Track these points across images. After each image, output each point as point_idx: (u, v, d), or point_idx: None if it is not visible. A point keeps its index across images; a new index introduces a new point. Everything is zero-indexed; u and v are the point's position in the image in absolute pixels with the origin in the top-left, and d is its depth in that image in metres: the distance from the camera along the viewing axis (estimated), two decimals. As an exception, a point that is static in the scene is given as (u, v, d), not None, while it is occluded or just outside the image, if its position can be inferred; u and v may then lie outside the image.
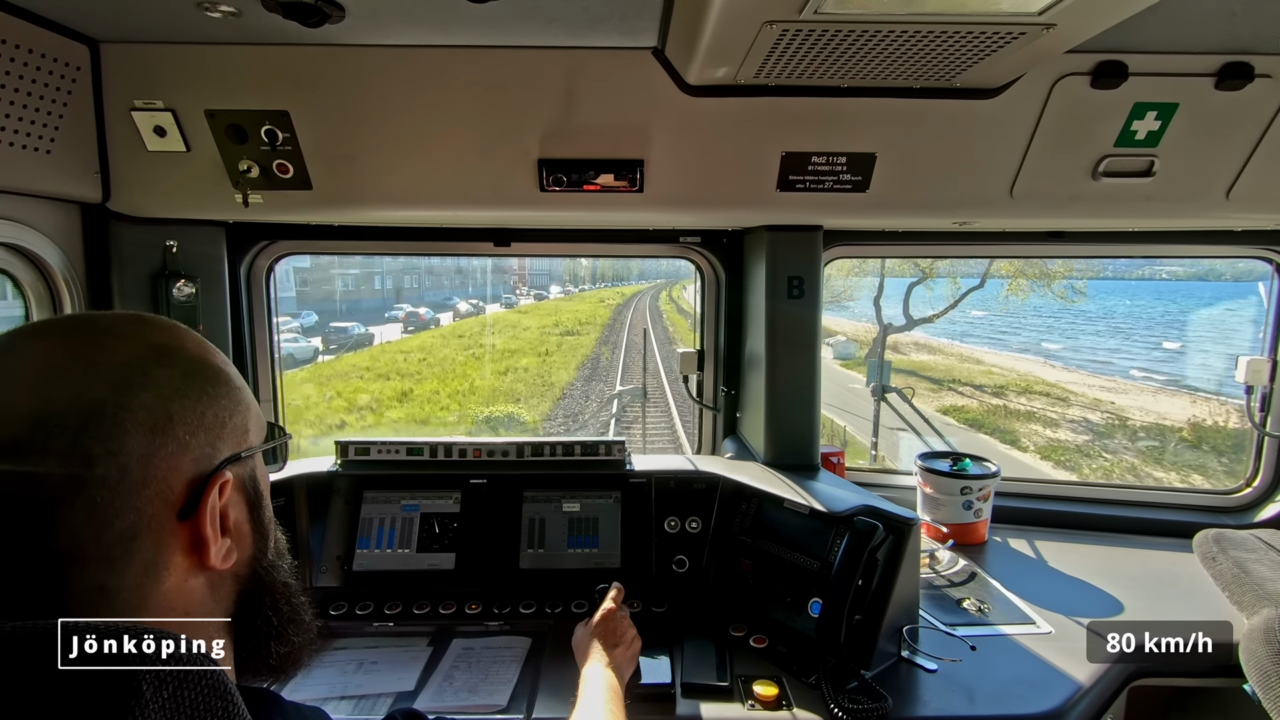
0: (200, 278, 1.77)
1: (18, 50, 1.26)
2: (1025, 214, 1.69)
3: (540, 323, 23.09)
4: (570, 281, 34.16)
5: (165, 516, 0.55)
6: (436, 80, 1.46)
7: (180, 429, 0.56)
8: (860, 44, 1.18)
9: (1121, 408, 14.21)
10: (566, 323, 23.41)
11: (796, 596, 1.47)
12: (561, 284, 33.14)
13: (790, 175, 1.60)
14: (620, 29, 1.33)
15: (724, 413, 2.17)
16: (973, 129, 1.54)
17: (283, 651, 0.67)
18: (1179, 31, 1.36)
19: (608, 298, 32.95)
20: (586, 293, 34.66)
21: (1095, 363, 18.08)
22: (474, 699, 1.25)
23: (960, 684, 1.29)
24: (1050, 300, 14.80)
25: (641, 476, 1.75)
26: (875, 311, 13.92)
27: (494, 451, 1.78)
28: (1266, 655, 1.23)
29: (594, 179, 1.56)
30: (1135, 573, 1.76)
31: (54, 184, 1.46)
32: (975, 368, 17.46)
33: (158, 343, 0.59)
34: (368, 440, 1.77)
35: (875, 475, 2.29)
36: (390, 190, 1.59)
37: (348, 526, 1.67)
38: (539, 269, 31.44)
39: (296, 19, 1.18)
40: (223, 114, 1.46)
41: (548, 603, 1.56)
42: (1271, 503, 2.04)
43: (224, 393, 0.61)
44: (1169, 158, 1.58)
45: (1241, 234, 1.96)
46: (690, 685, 1.27)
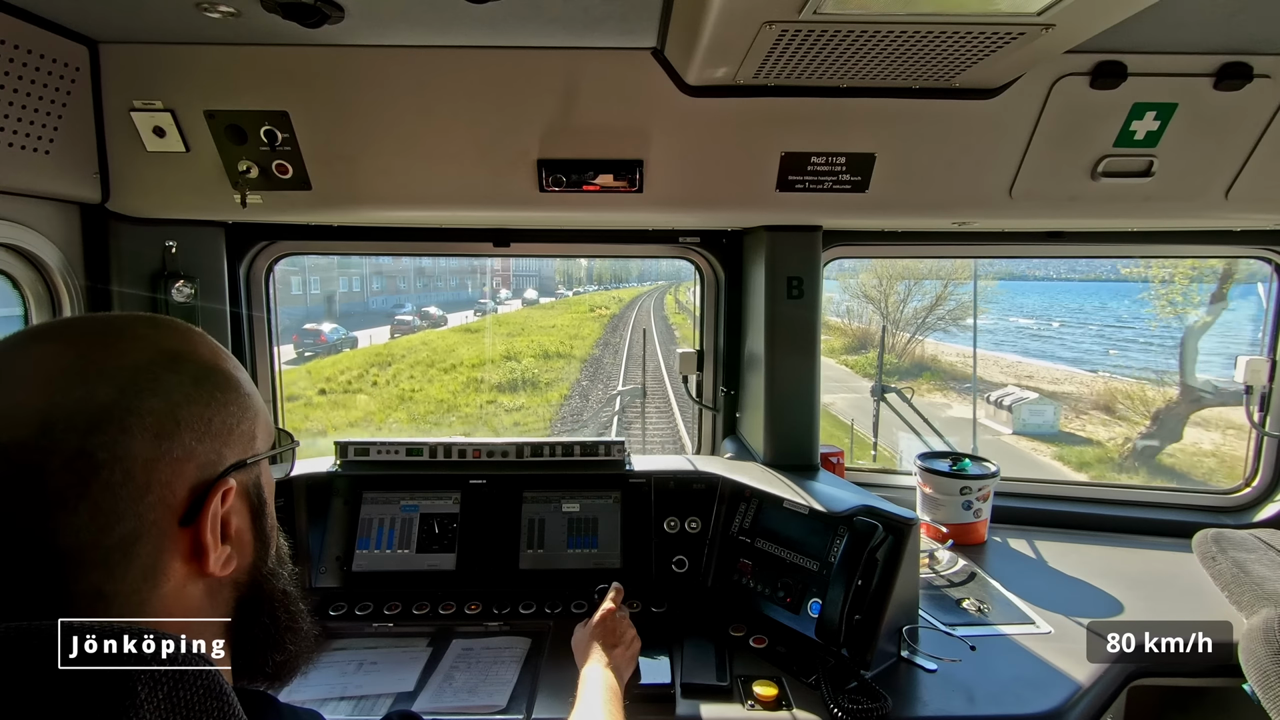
0: (199, 278, 1.76)
1: (17, 50, 1.26)
2: (1024, 214, 1.69)
3: (478, 353, 16.59)
4: (563, 283, 30.30)
5: (167, 522, 0.55)
6: (436, 80, 1.46)
7: (187, 435, 0.56)
8: (860, 44, 1.18)
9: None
10: (527, 353, 16.85)
11: (796, 597, 1.47)
12: (553, 286, 29.30)
13: (790, 175, 1.60)
14: (620, 29, 1.33)
15: (724, 413, 2.17)
16: (972, 129, 1.54)
17: (279, 659, 0.66)
18: (1178, 32, 1.36)
19: (603, 304, 26.86)
20: (581, 296, 29.53)
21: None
22: (473, 699, 1.25)
23: (960, 684, 1.29)
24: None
25: (641, 477, 1.75)
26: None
27: (493, 452, 1.78)
28: (1266, 655, 1.23)
29: (593, 179, 1.56)
30: (1135, 573, 1.76)
31: (53, 184, 1.45)
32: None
33: (169, 347, 0.58)
34: (367, 440, 1.77)
35: (875, 475, 2.29)
36: (390, 190, 1.59)
37: (347, 527, 1.67)
38: (526, 269, 27.82)
39: (296, 19, 1.18)
40: (222, 114, 1.46)
41: (547, 603, 1.56)
42: (1270, 502, 2.04)
43: (233, 399, 0.61)
44: (1168, 158, 1.58)
45: (1240, 234, 1.96)
46: (690, 685, 1.27)
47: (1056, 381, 15.97)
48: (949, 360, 16.84)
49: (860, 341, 17.45)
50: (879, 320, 16.04)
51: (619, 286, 34.13)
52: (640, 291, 32.13)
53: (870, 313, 16.84)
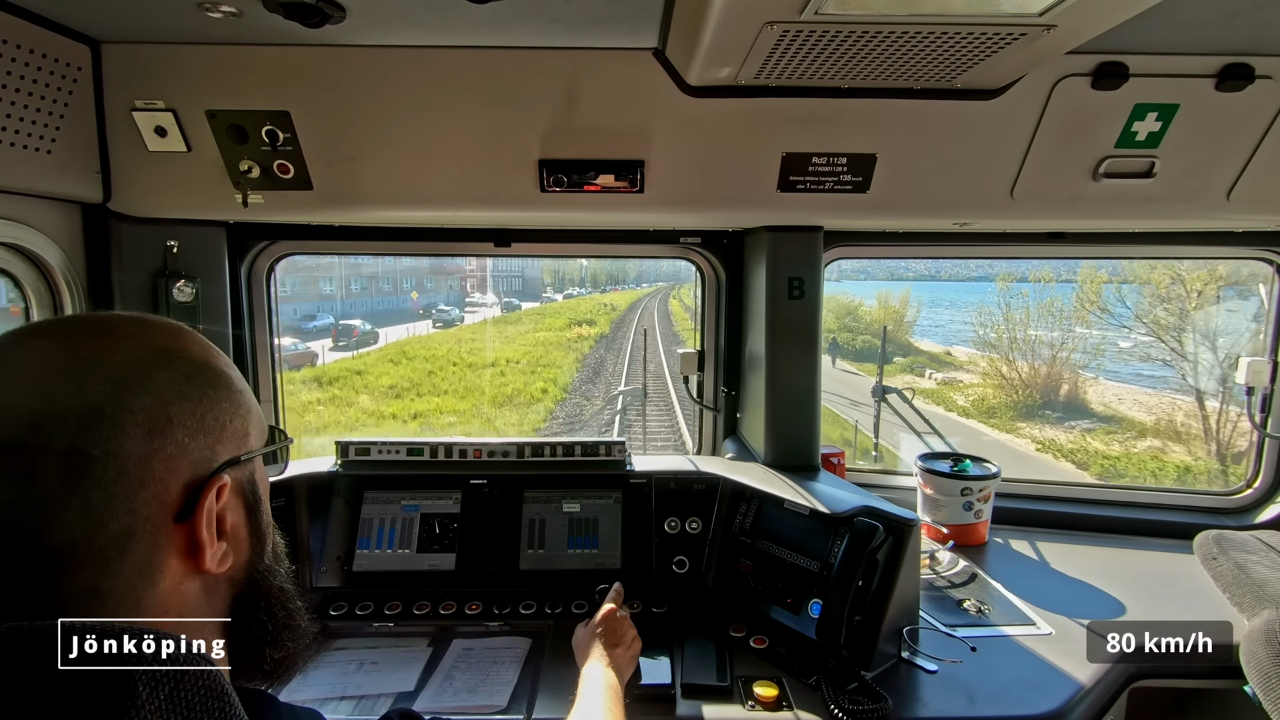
0: (200, 278, 1.76)
1: (18, 50, 1.26)
2: (1026, 215, 1.69)
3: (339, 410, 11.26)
4: (553, 285, 25.16)
5: (161, 519, 0.55)
6: (436, 80, 1.46)
7: (179, 431, 0.56)
8: (861, 45, 1.18)
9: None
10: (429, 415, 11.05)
11: (797, 597, 1.47)
12: (539, 289, 24.13)
13: (791, 176, 1.60)
14: (621, 29, 1.33)
15: (724, 413, 2.17)
16: (973, 130, 1.54)
17: (277, 657, 0.66)
18: (1180, 32, 1.36)
19: (588, 313, 19.39)
20: (558, 302, 22.12)
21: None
22: (474, 699, 1.25)
23: (960, 685, 1.29)
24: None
25: (641, 477, 1.75)
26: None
27: (494, 452, 1.78)
28: (1267, 656, 1.23)
29: (594, 179, 1.56)
30: (1135, 574, 1.76)
31: (55, 184, 1.46)
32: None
33: (160, 345, 0.58)
34: (368, 440, 1.77)
35: (875, 476, 2.29)
36: (390, 190, 1.59)
37: (348, 527, 1.67)
38: (509, 269, 22.42)
39: (297, 19, 1.18)
40: (223, 114, 1.46)
41: (548, 603, 1.56)
42: (1272, 504, 2.04)
43: (225, 396, 0.61)
44: (1170, 159, 1.58)
45: (1242, 235, 1.96)
46: (690, 686, 1.27)
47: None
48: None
49: (1040, 390, 13.86)
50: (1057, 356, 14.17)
51: (612, 289, 28.27)
52: (637, 295, 26.91)
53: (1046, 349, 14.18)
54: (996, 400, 14.17)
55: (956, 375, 16.23)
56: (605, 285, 29.13)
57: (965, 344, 17.77)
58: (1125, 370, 14.41)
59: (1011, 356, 14.43)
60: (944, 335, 19.93)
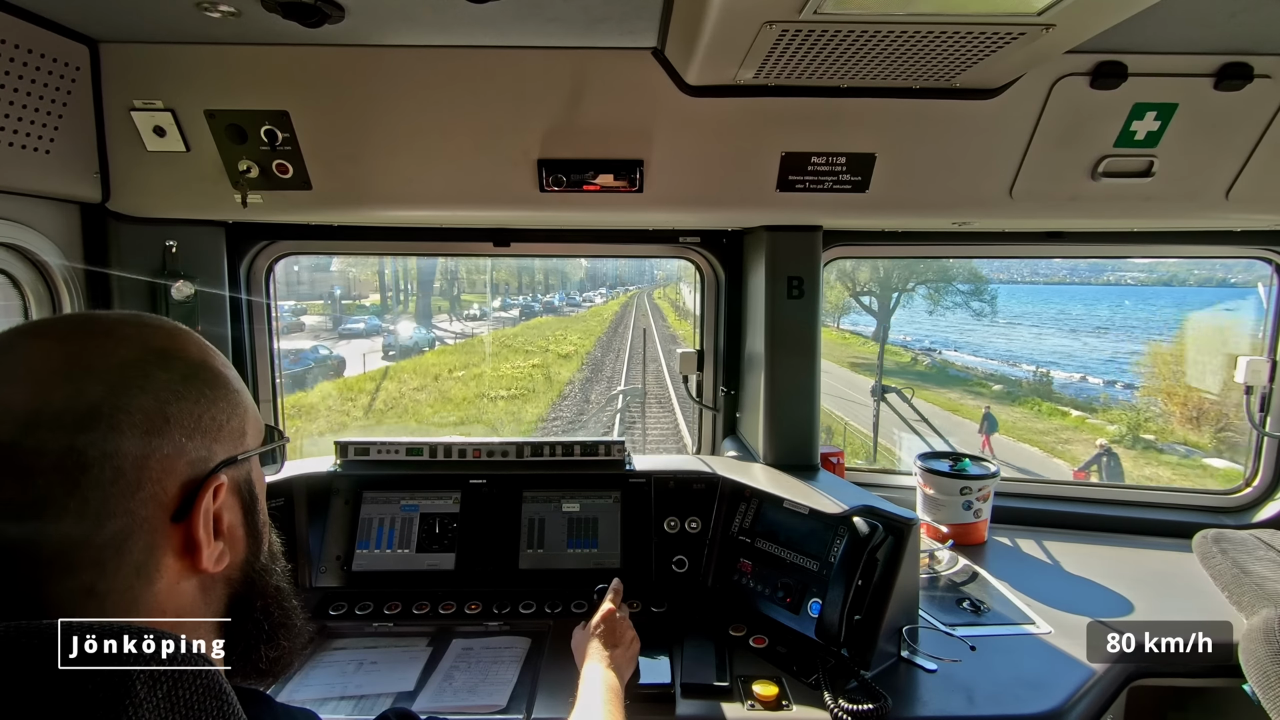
0: (200, 278, 1.76)
1: (17, 50, 1.26)
2: (1025, 214, 1.69)
3: None
4: (510, 290, 20.11)
5: (158, 519, 0.55)
6: (436, 80, 1.46)
7: (177, 432, 0.56)
8: (860, 44, 1.18)
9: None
10: None
11: (796, 597, 1.47)
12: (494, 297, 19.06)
13: (790, 175, 1.60)
14: (620, 29, 1.33)
15: (724, 413, 2.17)
16: (972, 129, 1.54)
17: (272, 656, 0.66)
18: (1178, 32, 1.36)
19: (517, 362, 15.82)
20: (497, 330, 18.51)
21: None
22: (473, 699, 1.25)
23: (960, 684, 1.29)
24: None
25: (641, 476, 1.75)
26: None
27: (493, 452, 1.78)
28: (1266, 655, 1.23)
29: (594, 179, 1.56)
30: (1135, 573, 1.76)
31: (54, 184, 1.45)
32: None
33: (158, 345, 0.58)
34: (367, 440, 1.77)
35: (875, 475, 2.29)
36: (390, 190, 1.59)
37: (347, 527, 1.67)
38: (482, 268, 19.40)
39: (296, 19, 1.18)
40: (222, 114, 1.46)
41: (547, 603, 1.56)
42: (1271, 503, 2.04)
43: (222, 395, 0.61)
44: (1168, 158, 1.58)
45: (1241, 234, 1.96)
46: (690, 685, 1.27)
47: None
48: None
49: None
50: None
51: (579, 306, 22.33)
52: (608, 308, 23.31)
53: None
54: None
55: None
56: (574, 289, 27.29)
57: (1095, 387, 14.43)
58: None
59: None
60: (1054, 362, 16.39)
